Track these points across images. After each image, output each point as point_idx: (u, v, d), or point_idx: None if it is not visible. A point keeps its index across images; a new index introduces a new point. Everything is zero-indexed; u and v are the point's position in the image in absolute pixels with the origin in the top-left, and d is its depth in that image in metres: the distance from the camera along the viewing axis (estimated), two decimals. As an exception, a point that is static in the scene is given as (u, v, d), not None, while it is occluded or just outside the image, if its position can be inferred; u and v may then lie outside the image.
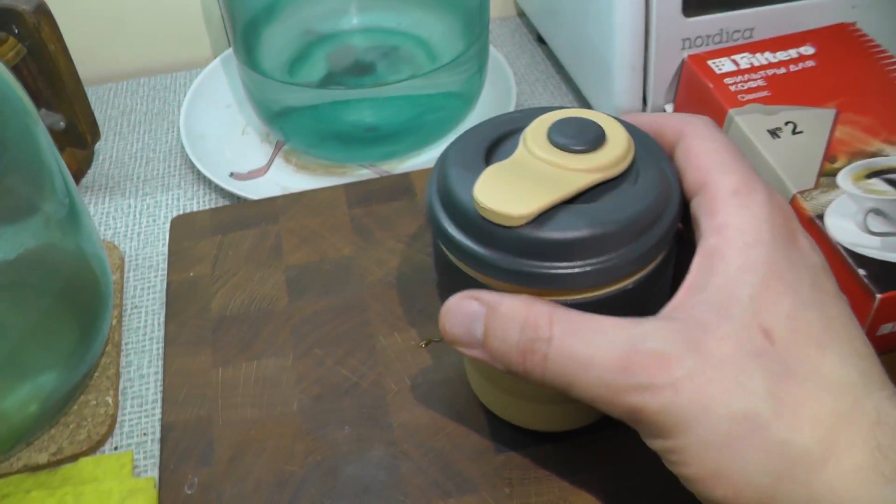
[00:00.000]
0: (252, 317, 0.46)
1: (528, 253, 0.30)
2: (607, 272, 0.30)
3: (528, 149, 0.32)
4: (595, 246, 0.30)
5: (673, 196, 0.32)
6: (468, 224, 0.31)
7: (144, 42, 0.75)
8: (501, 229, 0.30)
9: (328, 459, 0.39)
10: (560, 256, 0.30)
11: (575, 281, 0.30)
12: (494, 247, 0.30)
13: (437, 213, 0.32)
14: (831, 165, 0.45)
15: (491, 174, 0.31)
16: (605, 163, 0.31)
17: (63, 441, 0.43)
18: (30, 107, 0.42)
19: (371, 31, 0.64)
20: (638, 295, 0.32)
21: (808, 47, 0.52)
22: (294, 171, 0.61)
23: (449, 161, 0.33)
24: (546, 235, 0.29)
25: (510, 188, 0.30)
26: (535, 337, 0.29)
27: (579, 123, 0.32)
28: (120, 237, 0.57)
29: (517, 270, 0.30)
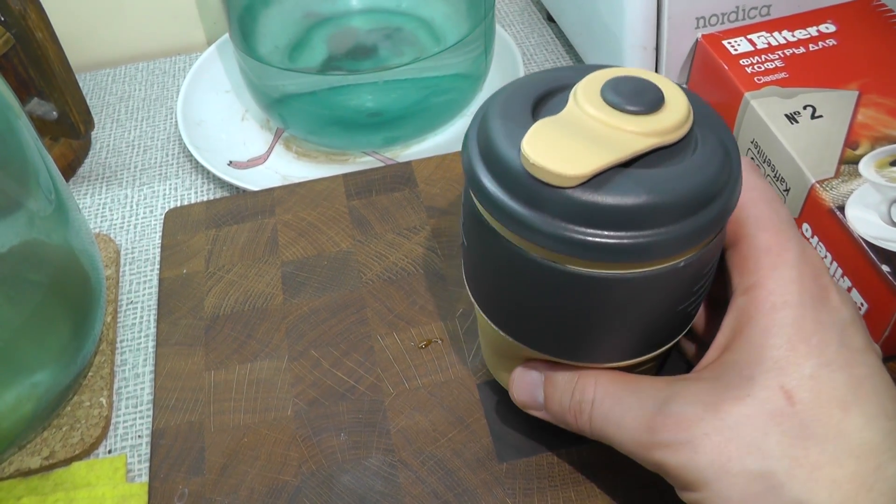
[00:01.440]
0: (246, 315, 0.45)
1: (576, 218, 0.27)
2: (661, 246, 0.28)
3: (579, 106, 0.29)
4: (651, 216, 0.27)
5: (733, 172, 0.29)
6: (511, 181, 0.28)
7: (142, 26, 0.73)
8: (549, 190, 0.27)
9: (323, 468, 0.38)
10: (611, 224, 0.27)
11: (626, 253, 0.27)
12: (539, 208, 0.28)
13: (476, 167, 0.30)
14: (853, 152, 0.42)
15: (541, 129, 0.28)
16: (663, 127, 0.28)
17: (56, 444, 0.42)
18: (12, 101, 0.40)
19: (372, 13, 0.62)
20: (688, 275, 0.30)
21: (828, 25, 0.50)
22: (294, 159, 0.59)
23: (492, 112, 0.30)
24: (599, 200, 0.27)
25: (562, 145, 0.27)
26: (582, 399, 0.32)
27: (636, 83, 0.29)
28: (116, 229, 0.56)
29: (562, 237, 0.27)
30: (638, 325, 0.31)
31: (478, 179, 0.29)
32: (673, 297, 0.31)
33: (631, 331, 0.31)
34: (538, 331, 0.33)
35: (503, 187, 0.28)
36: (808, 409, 0.28)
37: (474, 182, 0.29)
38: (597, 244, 0.27)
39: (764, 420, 0.28)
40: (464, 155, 0.31)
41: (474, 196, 0.30)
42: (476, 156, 0.30)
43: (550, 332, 0.32)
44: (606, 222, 0.27)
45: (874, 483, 0.27)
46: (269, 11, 0.59)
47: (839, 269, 0.40)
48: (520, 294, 0.32)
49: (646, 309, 0.30)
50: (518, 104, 0.30)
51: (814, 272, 0.30)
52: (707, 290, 0.32)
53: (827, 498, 0.27)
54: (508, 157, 0.28)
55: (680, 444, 0.29)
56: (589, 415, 0.32)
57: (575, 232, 0.27)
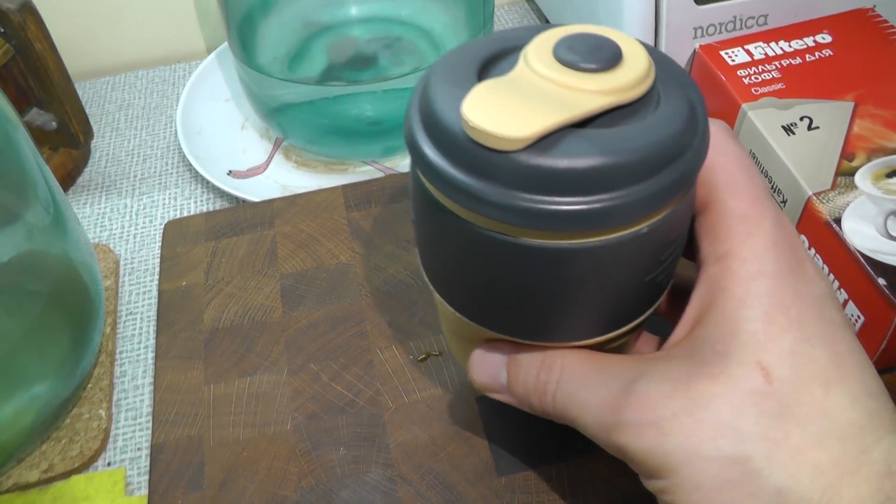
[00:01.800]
0: (245, 329, 0.45)
1: (523, 184, 0.25)
2: (620, 211, 0.25)
3: (529, 65, 0.27)
4: (607, 178, 0.25)
5: (699, 128, 0.27)
6: (454, 149, 0.26)
7: (141, 33, 0.73)
8: (493, 155, 0.25)
9: (322, 483, 0.38)
10: (563, 190, 0.25)
11: (579, 220, 0.25)
12: (484, 176, 0.25)
13: (417, 135, 0.27)
14: (849, 164, 0.42)
15: (484, 90, 0.26)
16: (620, 84, 0.26)
17: (55, 457, 0.42)
18: (10, 113, 0.40)
19: (372, 22, 0.62)
20: (653, 242, 0.27)
21: (824, 35, 0.50)
22: (294, 168, 0.59)
23: (435, 75, 0.28)
24: (547, 163, 0.24)
25: (506, 107, 0.25)
26: (548, 379, 0.30)
27: (591, 40, 0.27)
28: (115, 239, 0.56)
29: (508, 205, 0.25)
30: (602, 299, 0.29)
31: (418, 148, 0.27)
32: (638, 267, 0.28)
33: (595, 305, 0.29)
34: (496, 311, 0.30)
35: (445, 155, 0.26)
36: (787, 387, 0.25)
37: (415, 151, 0.27)
38: (548, 212, 0.25)
39: (739, 399, 0.25)
40: (405, 124, 0.28)
41: (416, 166, 0.28)
42: (417, 123, 0.28)
43: (508, 311, 0.30)
44: (557, 187, 0.25)
45: (859, 468, 0.25)
46: (268, 21, 0.59)
47: (836, 281, 0.40)
48: (472, 272, 0.29)
49: (609, 281, 0.28)
50: (463, 67, 0.28)
51: (790, 242, 0.28)
52: (677, 259, 0.30)
53: (809, 484, 0.25)
54: (450, 123, 0.26)
55: (645, 424, 0.26)
56: (553, 395, 0.29)
57: (523, 200, 0.25)
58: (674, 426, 0.26)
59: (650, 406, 0.26)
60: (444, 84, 0.27)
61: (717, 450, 0.25)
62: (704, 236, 0.29)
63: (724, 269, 0.28)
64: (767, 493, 0.25)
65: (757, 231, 0.28)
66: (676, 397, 0.26)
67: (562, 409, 0.29)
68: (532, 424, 0.39)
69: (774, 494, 0.25)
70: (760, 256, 0.27)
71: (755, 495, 0.25)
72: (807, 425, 0.25)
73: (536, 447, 0.39)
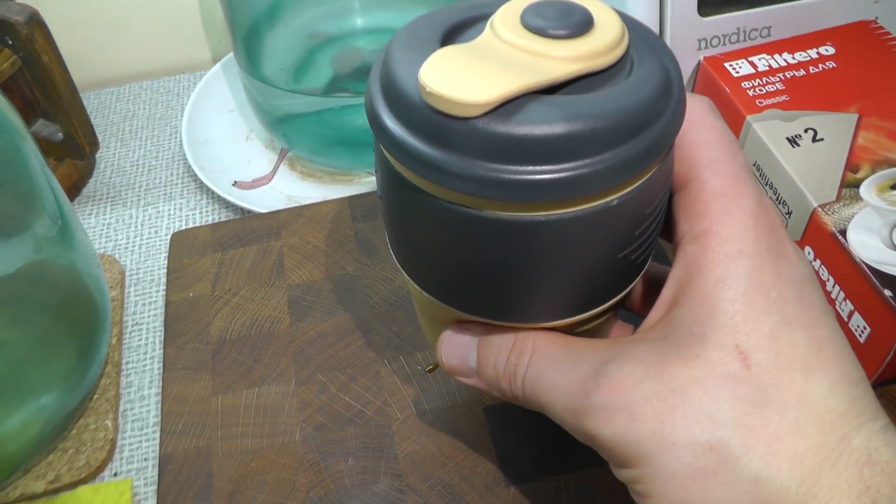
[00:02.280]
0: (253, 340, 0.45)
1: (486, 153, 0.24)
2: (586, 180, 0.24)
3: (496, 33, 0.25)
4: (572, 146, 0.23)
5: (674, 94, 0.26)
6: (413, 117, 0.24)
7: (146, 44, 0.73)
8: (452, 122, 0.23)
9: (331, 493, 0.38)
10: (526, 158, 0.23)
11: (543, 190, 0.24)
12: (443, 145, 0.24)
13: (376, 104, 0.26)
14: (854, 175, 0.43)
15: (443, 55, 0.24)
16: (590, 50, 0.25)
17: (61, 468, 0.42)
18: (19, 125, 0.40)
19: (377, 33, 0.62)
20: (625, 215, 0.26)
21: (827, 47, 0.50)
22: (299, 179, 0.60)
23: (396, 44, 0.26)
24: (508, 130, 0.23)
25: (467, 72, 0.24)
26: (518, 362, 0.28)
27: (560, 6, 0.26)
28: (121, 250, 0.56)
29: (471, 175, 0.24)
30: (573, 277, 0.28)
31: (378, 117, 0.26)
32: (610, 242, 0.27)
33: (566, 283, 0.28)
34: (463, 290, 0.29)
35: (405, 124, 0.25)
36: (765, 372, 0.25)
37: (374, 121, 0.26)
38: (509, 181, 0.24)
39: (716, 384, 0.24)
40: (366, 94, 0.27)
41: (376, 136, 0.27)
42: (377, 93, 0.26)
43: (476, 290, 0.29)
44: (520, 156, 0.23)
45: (839, 456, 0.24)
46: (273, 32, 0.60)
47: (842, 292, 0.41)
48: (437, 249, 0.28)
49: (579, 257, 0.27)
50: (426, 35, 0.27)
51: (770, 222, 0.27)
52: (654, 237, 0.29)
53: (788, 473, 0.24)
54: (408, 89, 0.24)
55: (615, 409, 0.25)
56: (522, 378, 0.28)
57: (484, 169, 0.24)
58: (645, 411, 0.25)
59: (621, 389, 0.25)
60: (405, 51, 0.26)
61: (691, 437, 0.24)
62: (682, 214, 0.28)
63: (703, 248, 0.27)
64: (744, 482, 0.24)
65: (737, 209, 0.27)
66: (649, 381, 0.25)
67: (531, 393, 0.28)
68: (540, 435, 0.39)
69: (751, 483, 0.24)
70: (740, 235, 0.26)
71: (731, 484, 0.24)
72: (785, 412, 0.24)
73: (544, 457, 0.39)
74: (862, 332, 0.40)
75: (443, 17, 0.28)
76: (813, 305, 0.26)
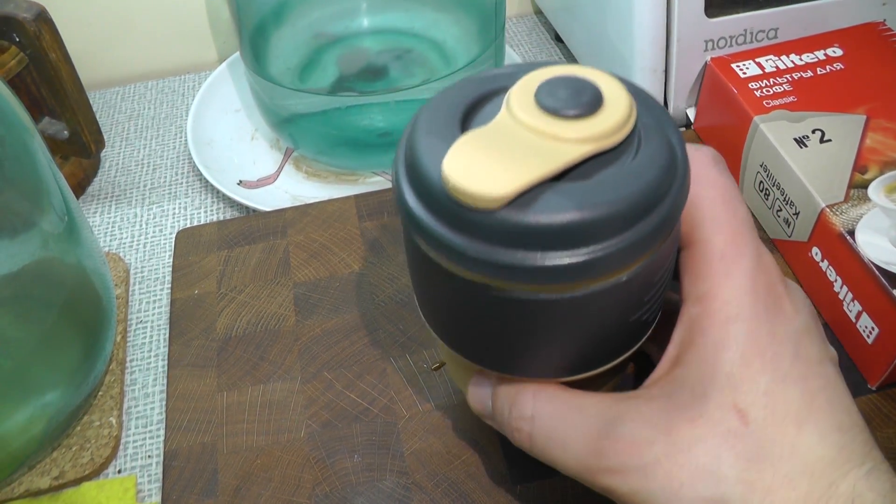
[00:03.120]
0: (259, 337, 0.45)
1: (505, 240, 0.25)
2: (597, 264, 0.25)
3: (511, 113, 0.27)
4: (583, 233, 0.25)
5: (679, 173, 0.27)
6: (436, 203, 0.26)
7: (152, 44, 0.73)
8: (475, 212, 0.25)
9: (337, 490, 0.38)
10: (542, 245, 0.25)
11: (558, 274, 0.25)
12: (465, 231, 0.26)
13: (403, 189, 0.27)
14: (862, 176, 0.43)
15: (464, 145, 0.26)
16: (601, 131, 0.26)
17: (65, 464, 0.42)
18: (27, 122, 0.40)
19: (383, 34, 0.62)
20: (634, 287, 0.28)
21: (835, 49, 0.50)
22: (304, 179, 0.60)
23: (418, 127, 0.28)
24: (526, 220, 0.25)
25: (487, 162, 0.25)
26: (520, 415, 0.30)
27: (573, 84, 0.27)
28: (125, 248, 0.56)
29: (492, 261, 0.25)
30: (585, 341, 0.29)
31: (403, 200, 0.27)
32: (620, 310, 0.29)
33: (579, 346, 0.30)
34: (483, 348, 0.31)
35: (429, 209, 0.26)
36: (762, 428, 0.27)
37: (400, 203, 0.28)
38: (523, 268, 0.25)
39: (717, 442, 0.27)
40: (392, 173, 0.29)
41: (402, 219, 0.28)
42: (403, 175, 0.28)
43: (495, 349, 0.31)
44: (537, 243, 0.25)
45: (827, 502, 0.26)
46: (280, 32, 0.60)
47: (850, 293, 0.41)
48: (459, 315, 0.30)
49: (591, 325, 0.29)
50: (447, 115, 0.28)
51: (768, 280, 0.29)
52: (662, 296, 0.30)
53: None
54: (432, 178, 0.26)
55: (630, 469, 0.27)
56: (530, 433, 0.30)
57: (503, 255, 0.25)
58: (657, 471, 0.27)
59: (636, 451, 0.27)
60: (428, 137, 0.27)
61: (696, 493, 0.26)
62: (686, 274, 0.30)
63: (704, 310, 0.28)
64: None
65: (735, 271, 0.28)
66: (659, 442, 0.27)
67: (541, 449, 0.30)
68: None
69: None
70: (739, 299, 0.28)
71: None
72: (779, 464, 0.26)
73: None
74: (870, 333, 0.40)
75: (462, 95, 0.29)
76: (808, 358, 0.28)
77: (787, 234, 0.45)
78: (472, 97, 0.29)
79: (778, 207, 0.45)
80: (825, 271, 0.42)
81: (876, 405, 0.40)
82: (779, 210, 0.46)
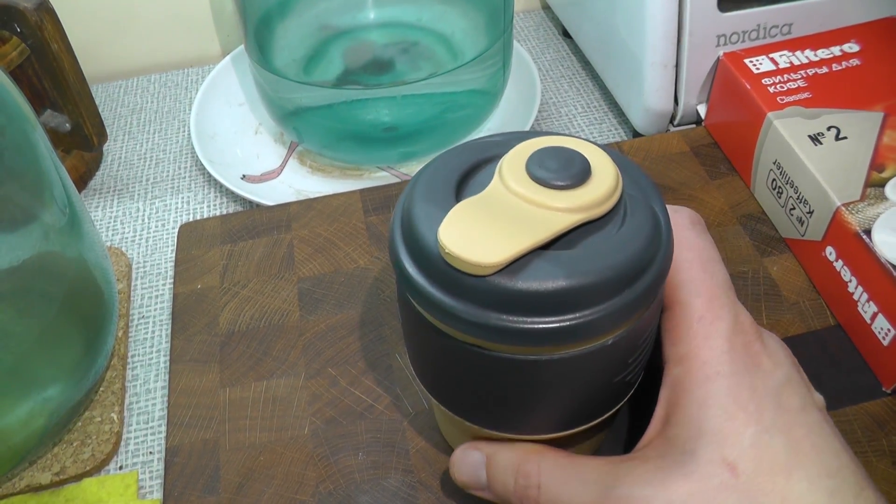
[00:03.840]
0: (262, 332, 0.44)
1: (496, 305, 0.27)
2: (585, 329, 0.27)
3: (503, 182, 0.28)
4: (572, 300, 0.27)
5: (663, 242, 0.29)
6: (433, 268, 0.28)
7: (156, 37, 0.73)
8: (469, 277, 0.27)
9: (341, 488, 0.37)
10: (532, 310, 0.27)
11: (548, 338, 0.27)
12: (460, 296, 0.27)
13: (400, 254, 0.29)
14: (879, 175, 0.42)
15: (459, 213, 0.28)
16: (589, 201, 0.28)
17: (67, 460, 0.42)
18: (28, 113, 0.40)
19: (390, 27, 0.61)
20: (619, 350, 0.29)
21: (852, 44, 0.50)
22: (308, 173, 0.59)
23: (415, 194, 0.30)
24: (517, 286, 0.26)
25: (480, 231, 0.27)
26: (527, 484, 0.31)
27: (562, 155, 0.29)
28: (128, 243, 0.55)
29: (484, 324, 0.27)
30: (571, 400, 0.31)
31: (400, 264, 0.29)
32: (606, 372, 0.30)
33: (564, 405, 0.31)
34: (472, 406, 0.32)
35: (424, 273, 0.28)
36: (751, 478, 0.28)
37: (398, 266, 0.29)
38: (515, 330, 0.27)
39: (711, 495, 0.28)
40: (389, 237, 0.30)
41: (398, 281, 0.30)
42: (400, 241, 0.29)
43: (483, 407, 0.32)
44: (527, 308, 0.27)
45: None
46: (285, 24, 0.59)
47: (865, 293, 0.40)
48: (449, 374, 0.31)
49: (577, 385, 0.30)
50: (442, 182, 0.30)
51: (745, 341, 0.30)
52: (646, 358, 0.32)
53: None
54: (427, 244, 0.28)
55: None
56: (535, 500, 0.31)
57: (494, 319, 0.27)
58: None
59: None
60: (424, 204, 0.29)
61: None
62: (668, 336, 0.31)
63: (686, 371, 0.30)
64: None
65: (714, 333, 0.30)
66: (657, 499, 0.28)
67: None
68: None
69: None
70: (717, 358, 0.30)
71: None
72: None
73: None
74: (886, 334, 0.39)
75: (457, 162, 0.31)
76: (790, 409, 0.29)
77: (800, 233, 0.44)
78: (466, 165, 0.31)
79: (791, 206, 0.45)
80: (839, 271, 0.41)
81: (891, 408, 0.39)
82: (792, 208, 0.45)
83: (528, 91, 0.62)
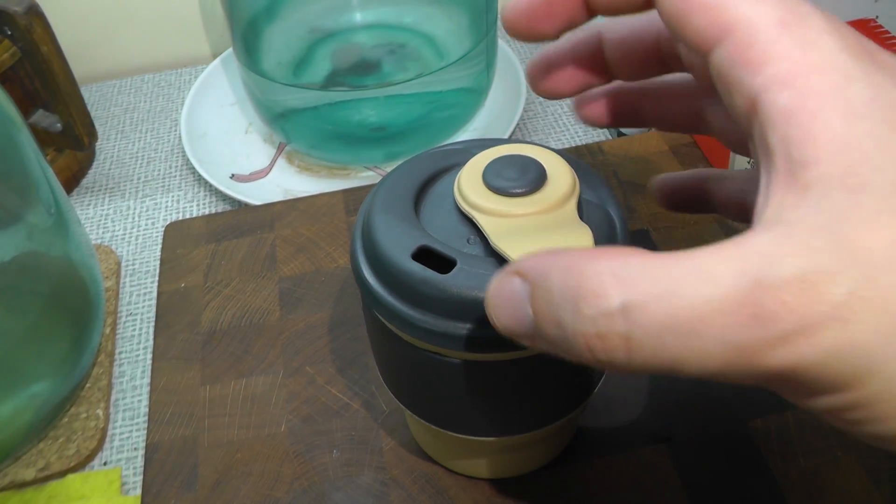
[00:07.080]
0: (243, 331, 0.45)
1: (455, 313, 0.28)
2: None
3: (462, 195, 0.29)
4: None
5: (619, 242, 0.29)
6: (393, 279, 0.29)
7: (147, 38, 0.73)
8: (427, 287, 0.28)
9: (315, 485, 0.38)
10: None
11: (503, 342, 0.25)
12: (420, 305, 0.28)
13: (360, 263, 0.30)
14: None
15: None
16: (546, 206, 0.28)
17: (51, 456, 0.42)
18: (14, 115, 0.40)
19: (376, 28, 0.62)
20: None
21: (827, 46, 0.50)
22: (296, 173, 0.60)
23: (376, 207, 0.31)
24: (474, 294, 0.27)
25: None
26: (603, 311, 0.19)
27: (517, 163, 0.29)
28: (117, 241, 0.56)
29: (443, 332, 0.28)
30: (539, 397, 0.31)
31: (361, 276, 0.30)
32: (567, 371, 0.30)
33: (531, 404, 0.31)
34: (437, 411, 0.33)
35: (385, 284, 0.29)
36: None
37: (358, 278, 0.30)
38: (473, 337, 0.28)
39: None
40: (350, 250, 0.31)
41: (361, 293, 0.31)
42: (361, 255, 0.30)
43: (446, 411, 0.33)
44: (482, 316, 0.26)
45: None
46: (273, 27, 0.60)
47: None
48: (415, 378, 0.32)
49: (542, 384, 0.30)
50: (401, 193, 0.31)
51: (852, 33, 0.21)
52: None
53: None
54: (386, 254, 0.29)
55: (816, 324, 0.17)
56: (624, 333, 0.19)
57: (452, 327, 0.28)
58: (854, 310, 0.17)
59: (816, 295, 0.17)
60: (384, 215, 0.30)
61: None
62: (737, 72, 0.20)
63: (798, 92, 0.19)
64: None
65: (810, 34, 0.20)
66: (845, 268, 0.17)
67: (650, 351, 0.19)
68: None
69: None
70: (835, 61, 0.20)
71: None
72: None
73: (529, 453, 0.38)
74: None
75: (415, 173, 0.32)
76: None
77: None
78: (425, 175, 0.32)
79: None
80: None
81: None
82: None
83: (513, 89, 0.63)
